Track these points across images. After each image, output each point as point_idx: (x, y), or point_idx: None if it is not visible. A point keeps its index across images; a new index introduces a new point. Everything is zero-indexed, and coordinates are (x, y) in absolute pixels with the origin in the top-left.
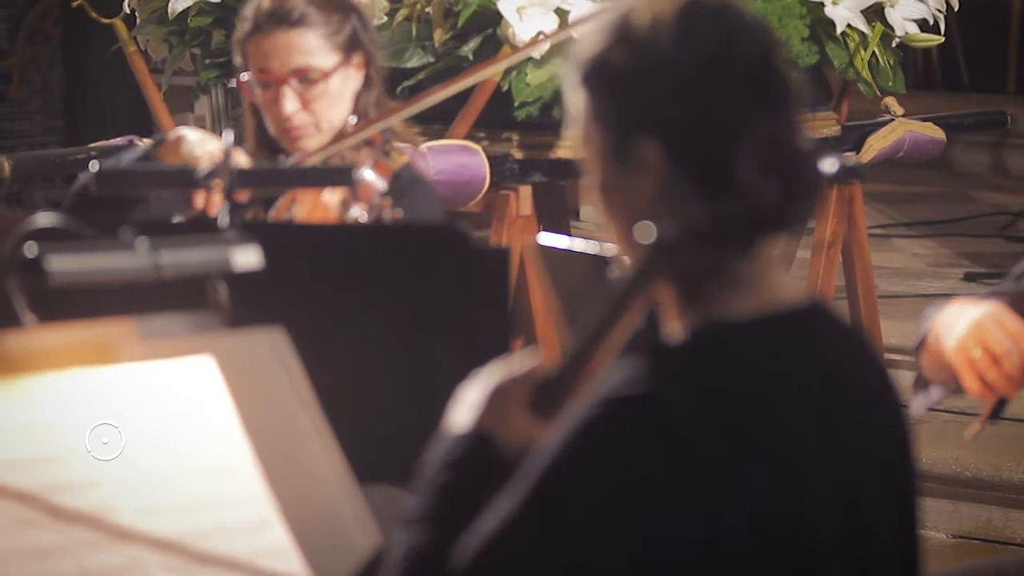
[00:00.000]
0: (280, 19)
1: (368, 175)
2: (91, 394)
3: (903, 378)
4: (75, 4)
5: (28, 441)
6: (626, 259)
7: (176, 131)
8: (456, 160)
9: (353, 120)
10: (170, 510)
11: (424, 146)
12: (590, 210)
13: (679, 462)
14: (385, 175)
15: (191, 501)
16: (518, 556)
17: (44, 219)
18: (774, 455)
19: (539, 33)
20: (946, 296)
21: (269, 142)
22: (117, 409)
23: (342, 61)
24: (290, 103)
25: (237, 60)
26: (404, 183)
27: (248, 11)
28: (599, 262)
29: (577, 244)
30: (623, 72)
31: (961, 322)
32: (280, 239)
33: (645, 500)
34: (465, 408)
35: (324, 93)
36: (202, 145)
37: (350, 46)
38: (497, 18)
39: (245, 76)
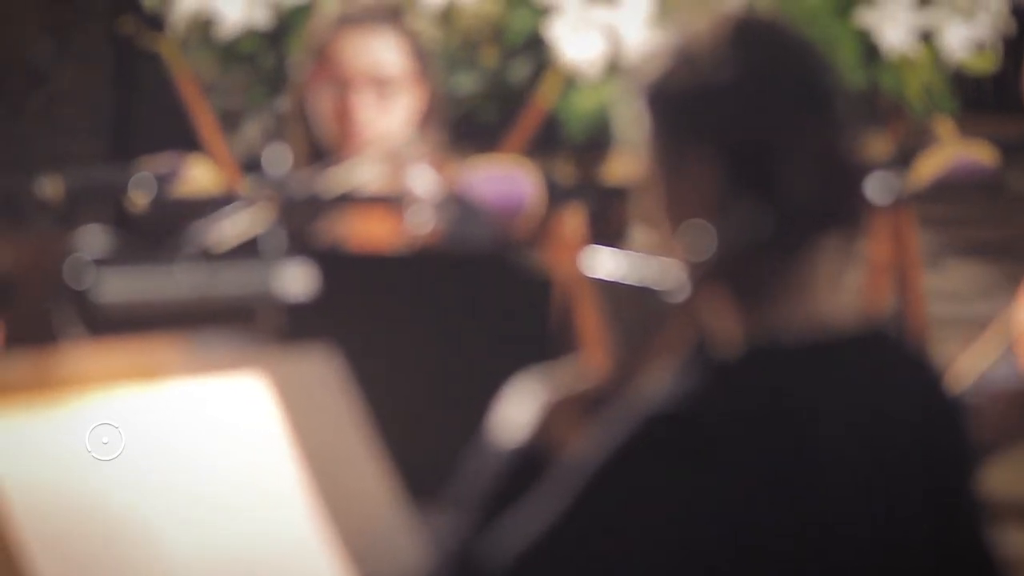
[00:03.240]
0: (374, 14)
1: (428, 178)
2: (139, 413)
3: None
4: (124, 31)
5: (75, 461)
6: (680, 267)
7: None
8: (503, 182)
9: (409, 144)
10: (218, 529)
11: (473, 166)
12: (640, 233)
13: (717, 484)
14: (444, 179)
15: (239, 522)
16: (555, 565)
17: (94, 244)
18: (812, 484)
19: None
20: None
21: (318, 150)
22: (165, 428)
23: (415, 77)
24: (363, 100)
25: (303, 65)
26: (454, 205)
27: (333, 9)
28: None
29: (628, 268)
30: (683, 92)
31: None
32: (329, 264)
33: (680, 516)
34: (519, 421)
35: (394, 100)
36: None
37: (424, 70)
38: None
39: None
